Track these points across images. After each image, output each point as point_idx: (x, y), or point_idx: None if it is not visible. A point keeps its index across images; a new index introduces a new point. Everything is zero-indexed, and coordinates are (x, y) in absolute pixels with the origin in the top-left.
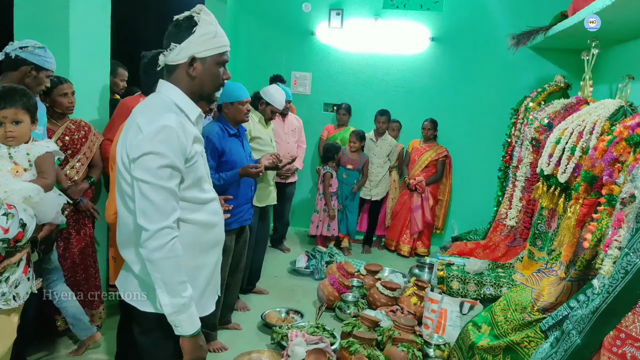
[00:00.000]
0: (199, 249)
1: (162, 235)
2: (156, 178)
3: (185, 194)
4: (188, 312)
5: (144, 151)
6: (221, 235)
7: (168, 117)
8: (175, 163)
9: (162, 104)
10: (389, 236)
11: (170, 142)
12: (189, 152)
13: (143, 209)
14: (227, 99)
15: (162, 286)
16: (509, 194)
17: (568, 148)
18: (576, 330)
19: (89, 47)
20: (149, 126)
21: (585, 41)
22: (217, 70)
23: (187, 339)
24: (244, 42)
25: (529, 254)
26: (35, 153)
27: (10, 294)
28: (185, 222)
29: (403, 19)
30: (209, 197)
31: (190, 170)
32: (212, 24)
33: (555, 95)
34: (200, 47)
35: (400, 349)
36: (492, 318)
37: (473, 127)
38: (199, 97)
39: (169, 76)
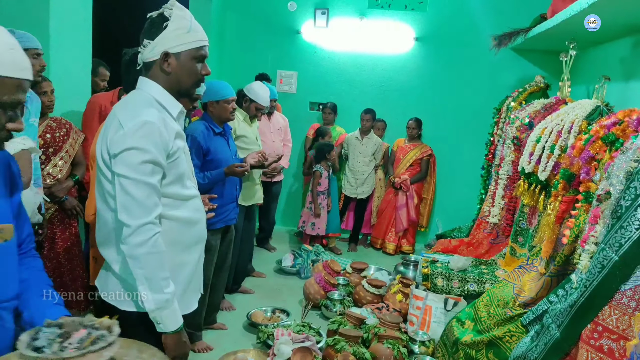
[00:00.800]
0: (181, 246)
1: (144, 230)
2: (138, 173)
3: (167, 190)
4: (170, 308)
5: (126, 146)
6: (203, 233)
7: (149, 113)
8: (157, 158)
9: (142, 100)
10: (374, 234)
11: (152, 137)
12: (171, 148)
13: (125, 205)
14: (212, 97)
15: (145, 282)
16: (491, 192)
17: (548, 147)
18: (555, 324)
19: (70, 45)
20: (130, 122)
21: (564, 43)
22: (193, 65)
23: (169, 336)
24: (229, 40)
25: (511, 251)
26: (10, 150)
27: None
28: (167, 218)
29: (388, 19)
30: (191, 194)
31: (172, 166)
32: (186, 18)
33: (536, 95)
34: (173, 42)
35: (385, 345)
36: (476, 314)
37: (457, 126)
38: (178, 94)
39: (146, 74)
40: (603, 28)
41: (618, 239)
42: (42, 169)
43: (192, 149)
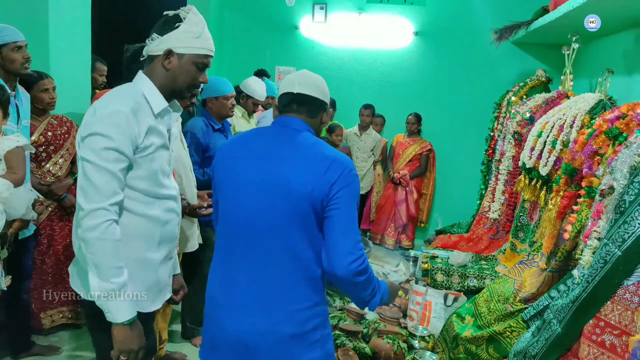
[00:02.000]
0: (147, 243)
1: (96, 215)
2: (100, 159)
3: (137, 184)
4: (119, 299)
5: (92, 131)
6: (172, 234)
7: (123, 103)
8: (121, 148)
9: (126, 91)
10: (373, 230)
11: (120, 126)
12: (142, 142)
13: (83, 188)
14: (211, 94)
15: (93, 268)
16: (491, 187)
17: (549, 141)
18: (557, 320)
19: (70, 42)
20: (103, 109)
21: (566, 36)
22: (192, 69)
23: (116, 327)
24: (227, 36)
25: (511, 246)
26: (4, 147)
27: None
28: (134, 213)
29: (387, 14)
30: (167, 194)
31: (145, 161)
32: (199, 25)
33: (537, 89)
34: (180, 43)
35: (385, 341)
36: (476, 309)
37: (456, 121)
38: (171, 92)
39: (147, 65)
40: (606, 20)
41: (621, 234)
42: (43, 166)
43: (192, 145)
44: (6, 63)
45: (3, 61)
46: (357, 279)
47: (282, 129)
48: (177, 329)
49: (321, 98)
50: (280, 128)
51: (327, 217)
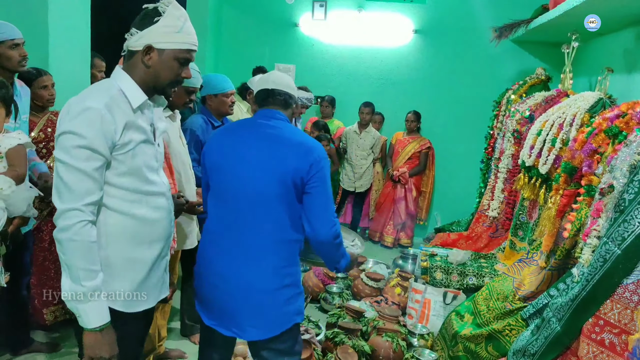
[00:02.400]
0: (133, 242)
1: (69, 216)
2: (71, 158)
3: (120, 182)
4: (90, 303)
5: (63, 129)
6: (164, 232)
7: (97, 99)
8: (94, 145)
9: (102, 87)
10: (372, 227)
11: (92, 123)
12: (119, 138)
13: (57, 187)
14: (211, 91)
15: (66, 269)
16: (491, 186)
17: (549, 140)
18: (556, 318)
19: (69, 38)
20: (76, 106)
21: (566, 34)
22: (174, 65)
23: (87, 333)
24: (227, 34)
25: (510, 244)
26: (6, 145)
27: None
28: (119, 212)
29: (386, 11)
30: (153, 190)
31: (126, 158)
32: (180, 19)
33: (537, 87)
34: (160, 38)
35: (384, 339)
36: (475, 307)
37: (456, 119)
38: (152, 88)
39: (127, 61)
40: (606, 19)
41: (621, 233)
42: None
43: (191, 143)
44: (3, 60)
45: (0, 59)
46: (336, 241)
47: (267, 118)
48: (176, 327)
49: (291, 93)
50: (266, 118)
51: (309, 192)
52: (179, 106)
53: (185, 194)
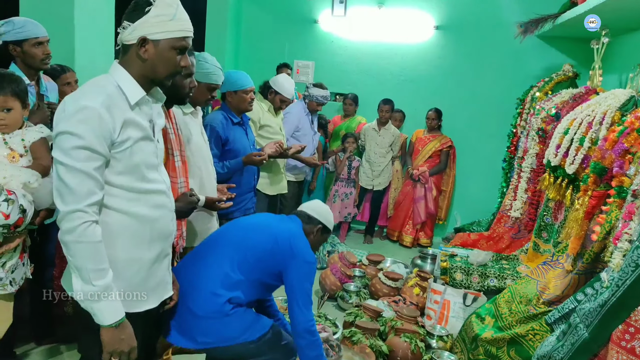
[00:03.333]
0: (133, 241)
1: (72, 218)
2: (70, 159)
3: (117, 180)
4: (104, 301)
5: (60, 130)
6: (164, 231)
7: (93, 97)
8: (93, 145)
9: (99, 84)
10: (391, 226)
11: (90, 123)
12: (117, 136)
13: (58, 190)
14: (231, 88)
15: (75, 270)
16: (513, 185)
17: (577, 139)
18: (584, 324)
19: (94, 35)
20: (72, 105)
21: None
22: (171, 55)
23: (104, 329)
24: (246, 30)
25: (534, 246)
26: (30, 138)
27: (7, 279)
28: (116, 210)
29: (407, 7)
30: (152, 188)
31: (123, 156)
32: (172, 6)
33: (563, 84)
34: (153, 29)
35: (402, 339)
36: (496, 310)
37: (478, 117)
38: (150, 82)
39: (122, 56)
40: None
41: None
42: None
43: (211, 139)
44: (27, 58)
45: (24, 56)
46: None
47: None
48: None
49: (321, 221)
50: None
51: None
52: (201, 103)
53: (206, 190)
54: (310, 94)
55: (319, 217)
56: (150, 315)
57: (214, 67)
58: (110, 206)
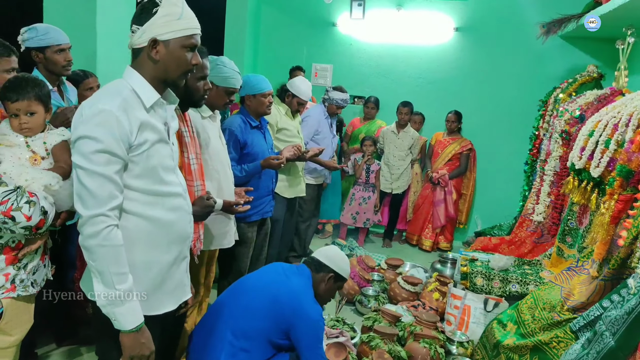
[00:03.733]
0: (150, 244)
1: (95, 222)
2: (90, 163)
3: (134, 183)
4: (125, 306)
5: (79, 135)
6: (182, 233)
7: (110, 101)
8: (112, 148)
9: (115, 88)
10: (410, 230)
11: (108, 126)
12: (135, 139)
13: (79, 194)
14: (249, 91)
15: (97, 275)
16: (536, 189)
17: (602, 141)
18: (610, 332)
19: (116, 41)
20: (89, 109)
21: (620, 29)
22: (182, 54)
23: (125, 335)
24: (265, 34)
25: (557, 251)
26: (51, 142)
27: (29, 280)
28: (134, 214)
29: (426, 9)
30: (169, 191)
31: (140, 159)
32: (177, 5)
33: (588, 86)
34: (163, 29)
35: (422, 345)
36: (519, 316)
37: (498, 119)
38: (164, 83)
39: (134, 60)
40: None
41: None
42: None
43: (230, 142)
44: (48, 64)
45: (46, 62)
46: None
47: (297, 273)
48: None
49: (335, 269)
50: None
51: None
52: (219, 107)
53: (224, 193)
54: (330, 97)
55: (331, 264)
56: (168, 319)
57: (232, 71)
58: (128, 210)
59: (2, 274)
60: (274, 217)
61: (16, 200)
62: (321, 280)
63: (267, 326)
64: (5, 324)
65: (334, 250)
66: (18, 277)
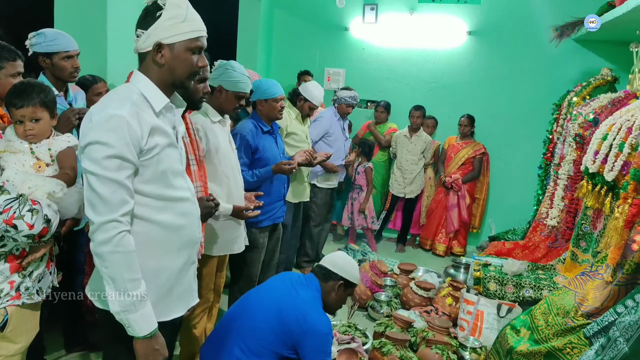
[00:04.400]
0: (160, 250)
1: (107, 228)
2: (102, 169)
3: (144, 188)
4: (139, 312)
5: (89, 140)
6: (191, 238)
7: (120, 106)
8: (123, 154)
9: (123, 93)
10: (423, 235)
11: (119, 131)
12: (145, 144)
13: (90, 201)
14: (261, 96)
15: (110, 282)
16: (550, 193)
17: (616, 145)
18: (624, 338)
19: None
20: (99, 115)
21: (634, 32)
22: (188, 56)
23: (139, 341)
24: (277, 38)
25: (571, 256)
26: (56, 148)
27: (34, 288)
28: (144, 220)
29: (439, 13)
30: (178, 196)
31: (151, 163)
32: (182, 7)
33: (602, 89)
34: (167, 33)
35: (434, 351)
36: (532, 322)
37: (512, 123)
38: (171, 86)
39: (140, 64)
40: None
41: None
42: None
43: (241, 147)
44: (55, 70)
45: (53, 68)
46: None
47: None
48: None
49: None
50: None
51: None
52: (228, 111)
53: (234, 198)
54: (338, 97)
55: (340, 271)
56: (175, 324)
57: (242, 75)
58: (138, 215)
59: (7, 282)
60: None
61: (18, 208)
62: (331, 289)
63: (274, 342)
64: (10, 331)
65: (340, 257)
66: (23, 284)
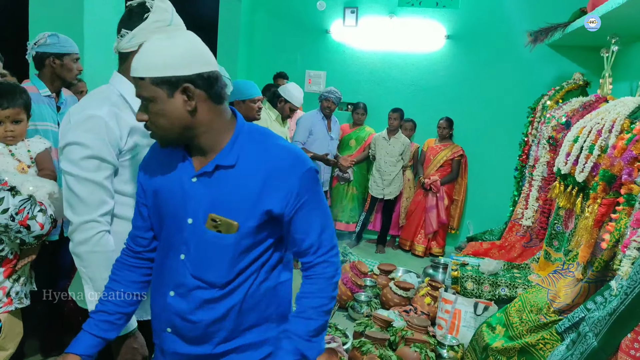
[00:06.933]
0: None
1: (86, 228)
2: (80, 169)
3: (124, 188)
4: None
5: (68, 141)
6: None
7: (98, 106)
8: (101, 154)
9: (102, 94)
10: (403, 236)
11: (97, 132)
12: (125, 144)
13: (68, 201)
14: (238, 97)
15: (88, 281)
16: (525, 194)
17: (586, 147)
18: (593, 333)
19: (103, 46)
20: (77, 115)
21: (605, 38)
22: None
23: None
24: (258, 40)
25: (545, 255)
26: (35, 149)
27: (22, 292)
28: (125, 219)
29: (418, 17)
30: None
31: (131, 163)
32: (168, 11)
33: (574, 93)
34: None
35: (412, 349)
36: (507, 319)
37: (489, 126)
38: None
39: (121, 64)
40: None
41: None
42: None
43: None
44: (63, 71)
45: (61, 69)
46: None
47: None
48: None
49: None
50: None
51: None
52: None
53: None
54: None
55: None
56: None
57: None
58: (119, 215)
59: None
60: None
61: (31, 209)
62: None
63: None
64: (2, 339)
65: None
66: (13, 289)
